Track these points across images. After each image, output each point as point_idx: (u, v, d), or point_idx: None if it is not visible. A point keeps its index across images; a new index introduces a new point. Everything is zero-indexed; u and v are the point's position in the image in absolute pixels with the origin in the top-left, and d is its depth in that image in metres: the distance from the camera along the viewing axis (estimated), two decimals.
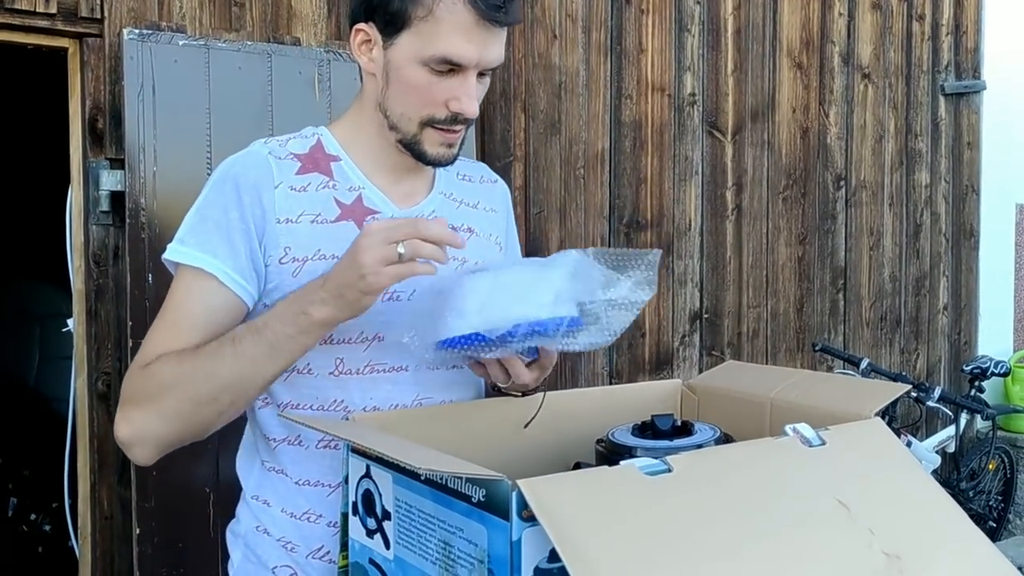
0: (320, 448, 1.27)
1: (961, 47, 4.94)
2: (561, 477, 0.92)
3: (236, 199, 1.23)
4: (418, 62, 1.21)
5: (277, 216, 1.24)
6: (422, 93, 1.23)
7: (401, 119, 1.26)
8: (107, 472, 2.51)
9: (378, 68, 1.25)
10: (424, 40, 1.20)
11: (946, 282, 4.92)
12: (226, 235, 1.22)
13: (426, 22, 1.19)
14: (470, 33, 1.19)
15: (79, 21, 2.42)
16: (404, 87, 1.23)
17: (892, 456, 1.13)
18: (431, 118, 1.24)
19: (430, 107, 1.23)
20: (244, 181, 1.24)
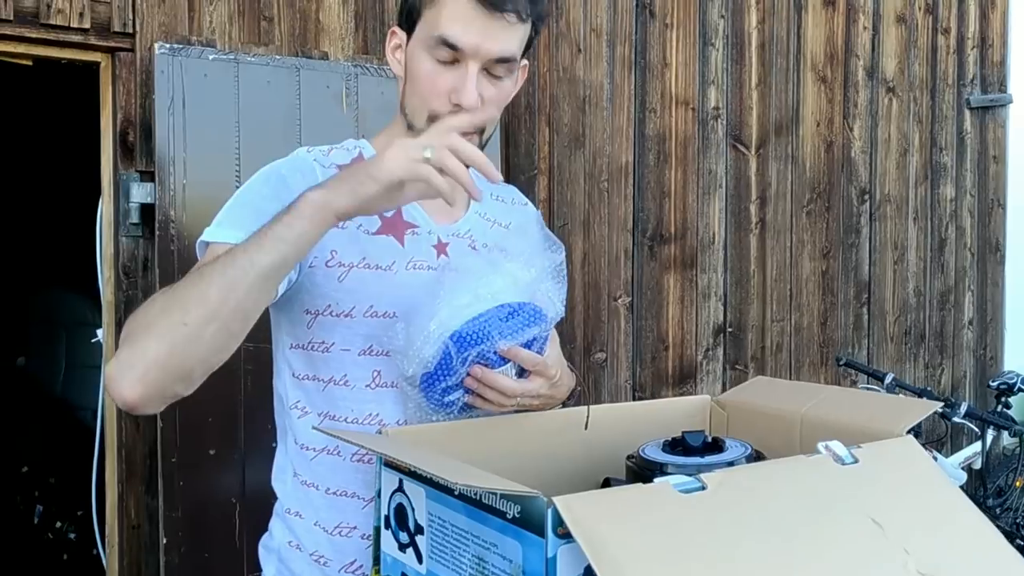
0: (355, 461, 1.28)
1: (987, 60, 4.91)
2: (596, 494, 0.92)
3: (276, 196, 1.22)
4: (424, 49, 1.23)
5: None
6: (425, 82, 1.24)
7: (414, 115, 1.27)
8: (135, 482, 2.53)
9: (402, 69, 1.29)
10: (428, 27, 1.23)
11: (971, 296, 4.88)
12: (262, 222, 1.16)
13: (431, 9, 1.22)
14: (469, 18, 1.20)
15: (111, 36, 2.46)
16: (413, 80, 1.26)
17: (925, 474, 1.13)
18: (436, 113, 1.24)
19: (434, 98, 1.24)
20: (290, 180, 1.24)
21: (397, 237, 1.29)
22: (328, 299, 1.24)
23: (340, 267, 1.25)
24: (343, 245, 1.25)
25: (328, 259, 1.25)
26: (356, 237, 1.26)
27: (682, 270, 3.65)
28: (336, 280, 1.24)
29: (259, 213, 1.19)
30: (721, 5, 3.74)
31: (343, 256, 1.25)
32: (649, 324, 3.56)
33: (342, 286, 1.24)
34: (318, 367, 1.28)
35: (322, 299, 1.25)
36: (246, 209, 1.23)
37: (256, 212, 1.20)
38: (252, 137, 2.49)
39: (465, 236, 1.36)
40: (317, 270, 1.24)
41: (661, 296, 3.59)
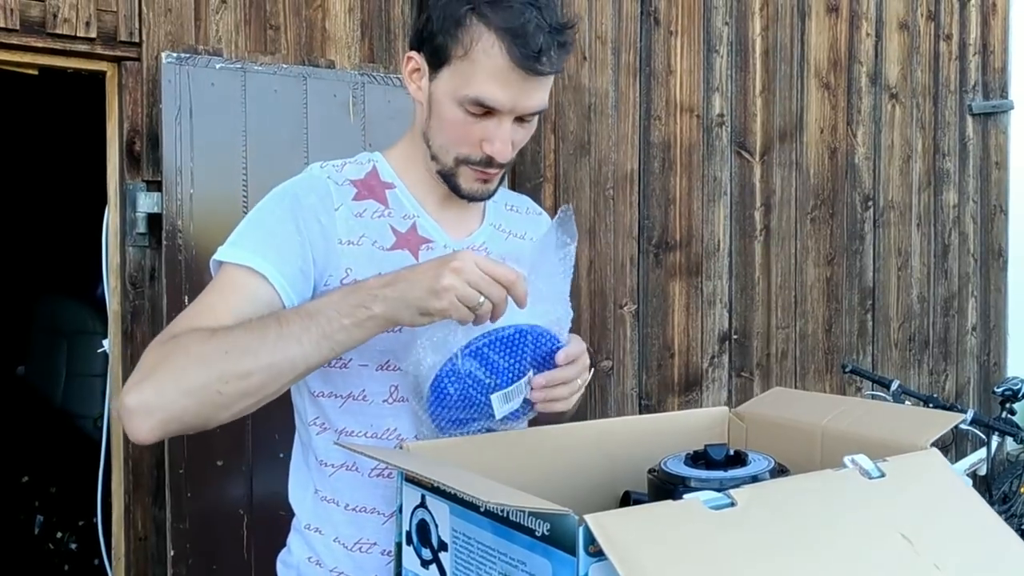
0: (374, 476, 1.27)
1: (988, 67, 4.92)
2: (628, 512, 0.92)
3: (292, 215, 1.23)
4: (454, 100, 1.21)
5: (339, 237, 1.24)
6: (457, 131, 1.23)
7: (440, 151, 1.27)
8: (141, 493, 2.52)
9: (424, 97, 1.26)
10: (461, 80, 1.19)
11: (975, 303, 4.88)
12: (277, 244, 1.21)
13: (463, 62, 1.18)
14: (505, 78, 1.18)
15: (118, 45, 2.45)
16: (442, 122, 1.24)
17: (952, 488, 1.12)
18: (466, 157, 1.24)
19: (464, 146, 1.24)
20: (304, 200, 1.24)
21: (412, 252, 1.28)
22: None
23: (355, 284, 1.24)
24: (358, 262, 1.25)
25: (344, 276, 1.24)
26: (371, 254, 1.26)
27: (687, 277, 3.64)
28: None
29: (273, 235, 1.21)
30: (725, 12, 3.74)
31: (358, 273, 1.24)
32: (655, 332, 3.55)
33: None
34: (336, 383, 1.27)
35: None
36: (260, 231, 1.23)
37: (270, 234, 1.21)
38: (259, 146, 2.48)
39: (480, 248, 1.36)
40: (331, 288, 1.24)
41: (667, 303, 3.58)
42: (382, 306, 1.10)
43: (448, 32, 1.19)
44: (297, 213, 1.23)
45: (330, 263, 1.23)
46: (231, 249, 1.21)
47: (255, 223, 1.24)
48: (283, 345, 1.09)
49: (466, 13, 1.17)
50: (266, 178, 2.46)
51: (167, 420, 1.07)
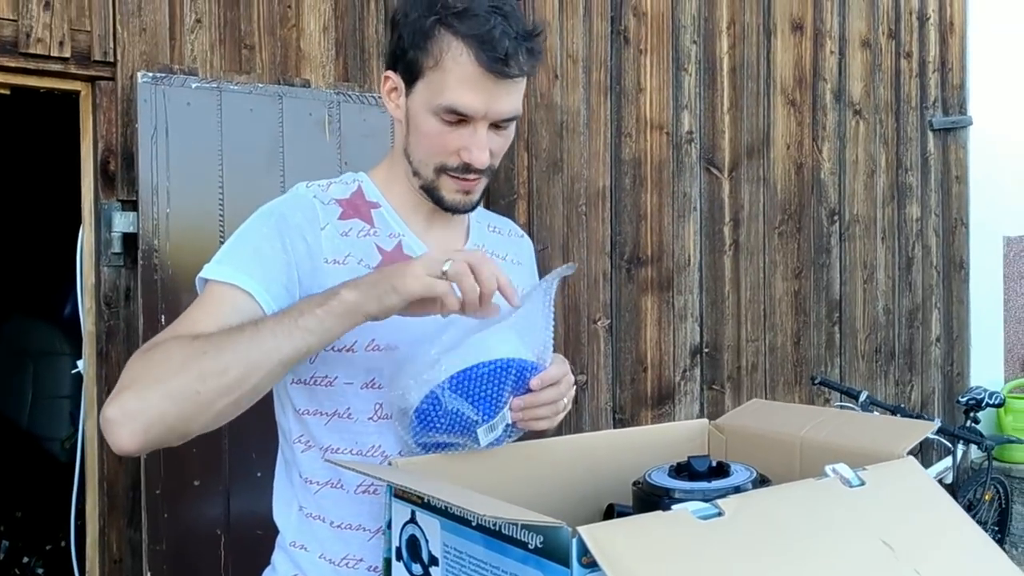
0: (359, 493, 1.27)
1: (947, 84, 5.04)
2: (619, 523, 0.93)
3: (278, 233, 1.24)
4: (429, 111, 1.23)
5: (325, 256, 1.25)
6: (434, 141, 1.25)
7: (420, 165, 1.28)
8: (117, 515, 2.49)
9: (402, 115, 1.29)
10: (433, 90, 1.22)
11: (938, 314, 4.98)
12: (263, 261, 1.22)
13: (435, 72, 1.21)
14: (475, 84, 1.20)
15: (92, 65, 2.44)
16: (419, 135, 1.26)
17: (930, 494, 1.15)
18: (444, 165, 1.26)
19: (442, 155, 1.26)
20: (290, 219, 1.25)
21: None
22: None
23: None
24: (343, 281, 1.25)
25: None
26: (356, 272, 1.26)
27: (659, 292, 3.68)
28: None
29: (258, 253, 1.22)
30: (693, 31, 3.81)
31: None
32: (628, 346, 3.58)
33: None
34: (321, 401, 1.28)
35: None
36: (246, 248, 1.23)
37: (256, 252, 1.22)
38: (235, 165, 2.49)
39: None
40: None
41: (639, 318, 3.62)
42: (353, 293, 1.12)
43: (418, 46, 1.22)
44: (283, 231, 1.24)
45: (315, 282, 1.24)
46: (216, 266, 1.22)
47: (241, 241, 1.25)
48: (258, 339, 1.10)
49: (433, 25, 1.21)
50: (242, 197, 2.47)
51: (148, 425, 1.07)
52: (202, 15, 2.59)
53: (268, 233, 1.24)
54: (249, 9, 2.68)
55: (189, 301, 1.24)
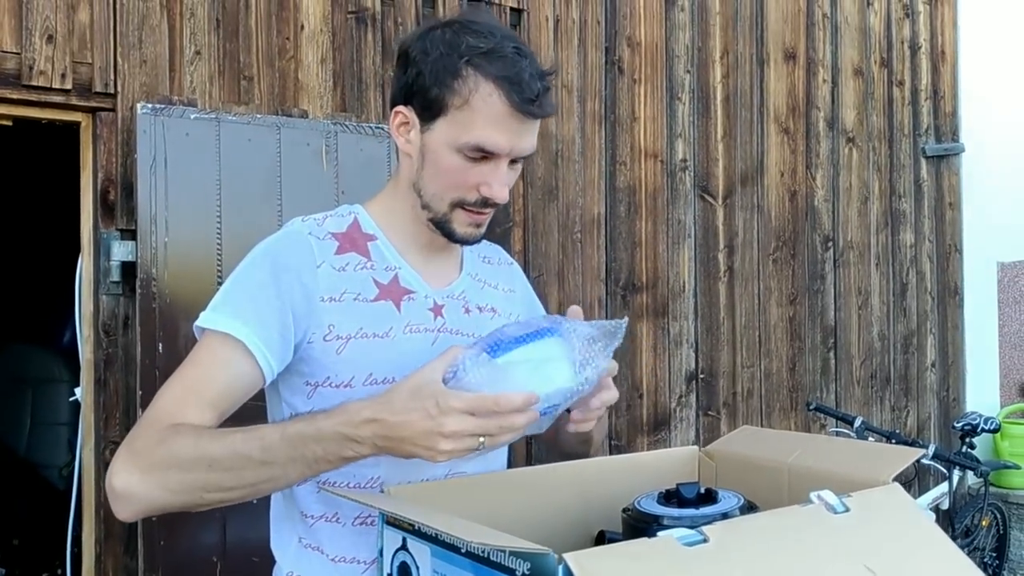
0: (356, 525, 1.29)
1: (940, 111, 5.09)
2: (605, 550, 0.95)
3: (273, 277, 1.25)
4: (452, 148, 1.25)
5: (321, 295, 1.26)
6: (455, 177, 1.27)
7: (433, 199, 1.30)
8: (113, 542, 2.50)
9: (414, 149, 1.30)
10: (459, 128, 1.24)
11: (933, 340, 5.00)
12: (257, 308, 1.24)
13: (462, 111, 1.24)
14: (503, 124, 1.23)
15: (93, 96, 2.48)
16: (438, 170, 1.28)
17: (913, 521, 1.17)
18: (462, 200, 1.29)
19: (461, 190, 1.28)
20: (284, 261, 1.27)
21: (394, 302, 1.31)
22: (328, 371, 1.26)
23: (338, 340, 1.27)
24: (340, 318, 1.27)
25: (326, 333, 1.26)
26: (353, 307, 1.28)
27: (654, 318, 3.71)
28: (335, 353, 1.26)
29: (253, 300, 1.24)
30: (687, 61, 3.86)
31: (340, 329, 1.27)
32: (623, 372, 3.60)
33: (340, 358, 1.26)
34: None
35: (321, 371, 1.27)
36: (242, 296, 1.25)
37: (250, 299, 1.24)
38: (233, 195, 2.52)
39: (459, 298, 1.40)
40: (315, 345, 1.26)
41: (635, 344, 3.64)
42: (371, 451, 1.14)
43: (444, 84, 1.24)
44: (279, 276, 1.25)
45: (312, 321, 1.26)
46: (212, 315, 1.25)
47: (236, 288, 1.27)
48: (267, 470, 1.15)
49: (463, 65, 1.23)
50: (240, 226, 2.50)
51: (149, 509, 1.18)
52: (202, 47, 2.64)
53: (263, 279, 1.25)
54: (248, 41, 2.72)
55: (187, 330, 1.27)
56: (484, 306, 1.43)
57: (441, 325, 1.35)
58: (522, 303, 1.54)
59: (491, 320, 1.42)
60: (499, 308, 1.46)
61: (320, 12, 2.86)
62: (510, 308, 1.49)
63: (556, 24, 3.43)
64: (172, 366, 1.28)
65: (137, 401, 2.39)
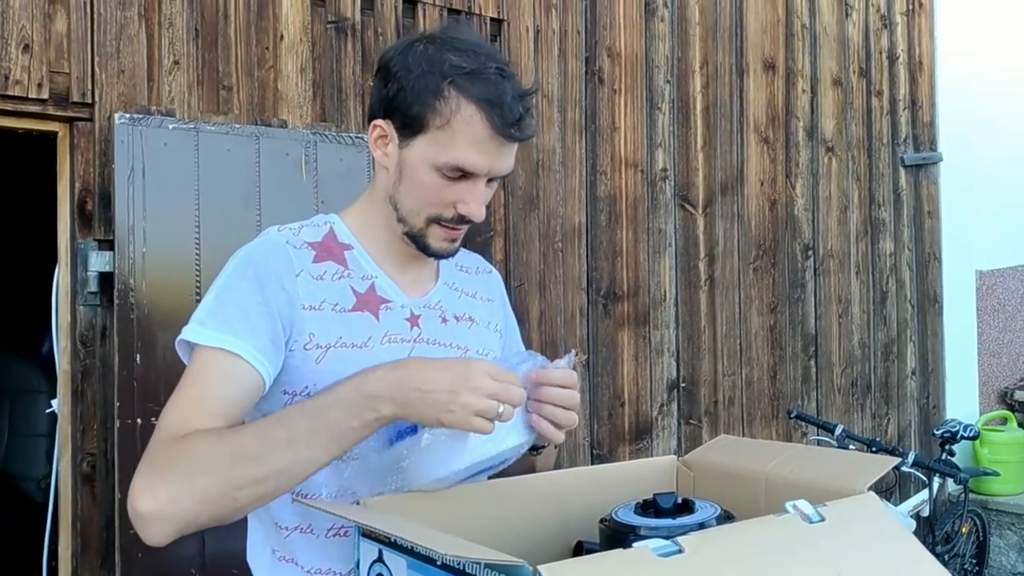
0: (331, 537, 1.28)
1: (918, 121, 5.14)
2: (580, 561, 0.95)
3: (258, 285, 1.24)
4: (431, 166, 1.25)
5: (302, 303, 1.26)
6: (432, 194, 1.27)
7: (409, 214, 1.30)
8: (90, 555, 2.47)
9: (391, 163, 1.30)
10: (439, 147, 1.24)
11: (913, 347, 5.03)
12: (246, 317, 1.22)
13: (442, 131, 1.24)
14: (484, 145, 1.24)
15: (70, 106, 2.47)
16: (415, 186, 1.28)
17: (888, 530, 1.17)
18: (438, 216, 1.29)
19: (438, 207, 1.28)
20: (266, 268, 1.26)
21: (372, 312, 1.31)
22: (306, 380, 1.26)
23: (318, 349, 1.26)
24: (320, 327, 1.27)
25: (306, 342, 1.26)
26: (331, 316, 1.28)
27: (635, 327, 3.71)
28: (314, 362, 1.26)
29: (242, 310, 1.22)
30: (667, 71, 3.88)
31: (320, 338, 1.26)
32: (605, 381, 3.60)
33: (319, 367, 1.25)
34: None
35: (300, 381, 1.26)
36: (229, 307, 1.23)
37: (239, 309, 1.22)
38: (212, 205, 2.51)
39: (436, 307, 1.40)
40: (295, 353, 1.26)
41: (616, 353, 3.64)
42: (391, 408, 1.14)
43: (425, 103, 1.24)
44: (264, 282, 1.25)
45: (295, 328, 1.25)
46: (201, 329, 1.21)
47: (222, 299, 1.25)
48: (293, 449, 1.12)
49: (445, 85, 1.23)
50: (219, 236, 2.49)
51: (183, 527, 1.10)
52: (180, 57, 2.63)
53: (248, 287, 1.24)
54: (227, 51, 2.72)
55: (165, 340, 1.26)
56: (462, 315, 1.42)
57: (417, 335, 1.35)
58: (500, 313, 1.54)
59: (468, 330, 1.42)
60: (477, 317, 1.46)
61: (300, 22, 2.86)
62: (489, 317, 1.49)
63: (536, 34, 3.44)
64: (150, 377, 1.27)
65: (115, 412, 2.38)
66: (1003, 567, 4.96)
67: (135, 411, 2.35)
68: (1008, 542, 4.94)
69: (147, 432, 2.33)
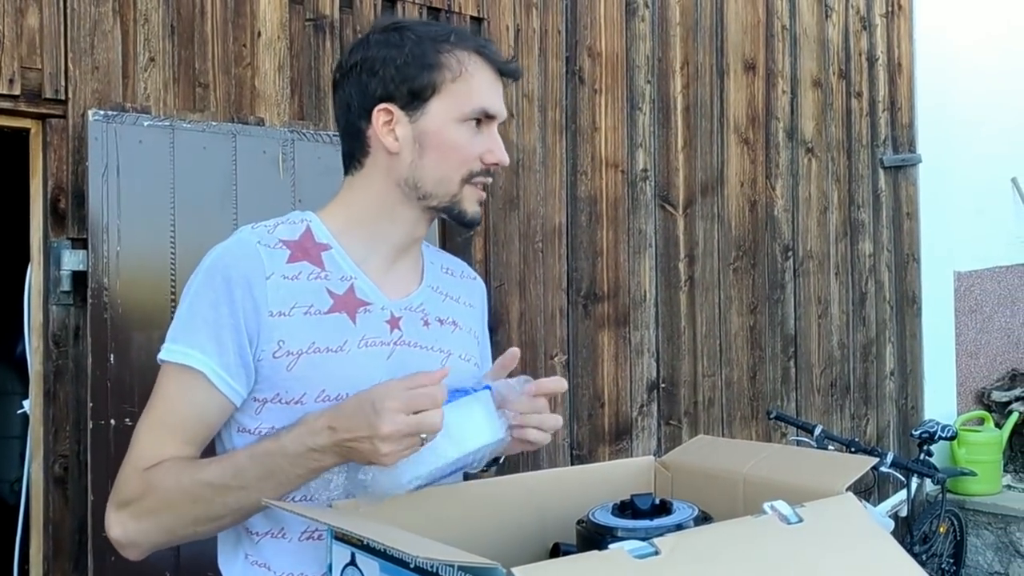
0: (303, 540, 1.26)
1: (897, 122, 5.16)
2: (554, 563, 0.94)
3: (227, 294, 1.22)
4: (456, 120, 1.29)
5: (270, 309, 1.23)
6: (462, 150, 1.30)
7: (440, 184, 1.31)
8: (62, 559, 2.44)
9: (406, 142, 1.29)
10: (460, 99, 1.29)
11: (892, 348, 5.05)
12: (214, 331, 1.21)
13: (457, 84, 1.29)
14: (494, 87, 1.33)
15: (43, 103, 2.43)
16: (443, 149, 1.30)
17: (866, 531, 1.17)
18: (470, 173, 1.31)
19: (468, 163, 1.31)
20: (235, 274, 1.23)
21: (349, 315, 1.28)
22: (277, 388, 1.24)
23: (288, 356, 1.24)
24: (291, 332, 1.24)
25: (275, 350, 1.23)
26: (304, 321, 1.25)
27: (615, 328, 3.71)
28: (285, 370, 1.24)
29: (207, 324, 1.23)
30: (647, 71, 3.87)
31: (291, 344, 1.24)
32: (585, 382, 3.59)
33: (291, 375, 1.23)
34: None
35: (271, 388, 1.24)
36: (197, 321, 1.24)
37: (205, 323, 1.23)
38: (188, 203, 2.48)
39: (418, 309, 1.37)
40: (264, 362, 1.24)
41: (596, 354, 3.64)
42: (333, 459, 1.18)
43: (431, 66, 1.28)
44: (232, 291, 1.23)
45: (263, 336, 1.23)
46: (171, 346, 1.25)
47: (190, 312, 1.25)
48: (244, 493, 1.19)
49: (442, 46, 1.29)
50: (195, 235, 2.46)
51: (154, 548, 1.26)
52: (156, 53, 2.60)
53: (215, 299, 1.23)
54: (204, 48, 2.69)
55: (140, 342, 1.29)
56: (445, 319, 1.40)
57: (398, 338, 1.32)
58: (480, 321, 1.52)
59: (452, 333, 1.40)
60: (460, 322, 1.43)
61: (277, 19, 2.83)
62: (471, 323, 1.47)
63: (517, 33, 3.43)
64: (124, 377, 1.28)
65: (88, 414, 2.34)
66: (980, 566, 4.99)
67: (109, 412, 2.32)
68: (985, 541, 4.97)
69: (121, 433, 2.31)
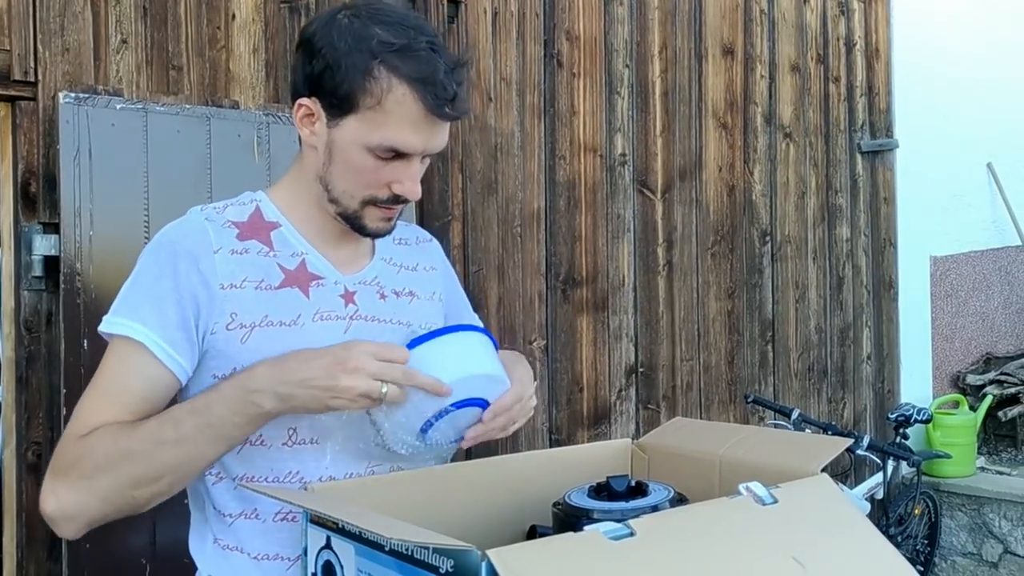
0: (277, 521, 1.25)
1: (874, 108, 5.18)
2: (529, 545, 0.93)
3: (171, 267, 1.21)
4: (363, 147, 1.22)
5: (220, 282, 1.23)
6: (366, 176, 1.24)
7: (343, 195, 1.27)
8: (35, 547, 2.42)
9: (320, 142, 1.25)
10: (371, 128, 1.21)
11: (869, 332, 5.09)
12: (157, 303, 1.20)
13: (374, 112, 1.20)
14: (418, 125, 1.21)
15: (12, 84, 2.39)
16: (347, 168, 1.24)
17: (841, 511, 1.17)
18: (373, 198, 1.26)
19: (372, 188, 1.25)
20: (180, 248, 1.22)
21: (302, 289, 1.28)
22: (234, 362, 1.22)
23: (242, 328, 1.23)
24: (244, 305, 1.23)
25: (229, 322, 1.22)
26: (255, 295, 1.24)
27: (594, 312, 3.71)
28: (239, 342, 1.22)
29: (151, 297, 1.21)
30: (626, 55, 3.86)
31: (244, 317, 1.23)
32: (564, 366, 3.60)
33: (245, 347, 1.22)
34: None
35: (227, 362, 1.23)
36: (140, 294, 1.22)
37: (148, 296, 1.21)
38: (161, 187, 2.45)
39: (372, 283, 1.36)
40: (219, 335, 1.22)
41: (575, 338, 3.64)
42: (273, 402, 1.15)
43: (354, 82, 1.19)
44: (177, 264, 1.22)
45: (214, 309, 1.22)
46: (113, 318, 1.23)
47: (134, 286, 1.24)
48: (183, 448, 1.15)
49: (375, 64, 1.19)
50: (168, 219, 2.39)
51: (90, 522, 1.19)
52: (128, 35, 2.56)
53: (159, 272, 1.22)
54: (177, 30, 2.65)
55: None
56: (401, 290, 1.39)
57: (354, 312, 1.31)
58: (443, 280, 1.50)
59: (409, 304, 1.39)
60: (418, 291, 1.42)
61: (252, 1, 2.80)
62: (432, 288, 1.46)
63: (494, 17, 3.41)
64: (97, 363, 1.26)
65: (61, 400, 2.32)
66: (954, 547, 5.05)
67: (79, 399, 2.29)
68: (959, 523, 5.03)
69: None
